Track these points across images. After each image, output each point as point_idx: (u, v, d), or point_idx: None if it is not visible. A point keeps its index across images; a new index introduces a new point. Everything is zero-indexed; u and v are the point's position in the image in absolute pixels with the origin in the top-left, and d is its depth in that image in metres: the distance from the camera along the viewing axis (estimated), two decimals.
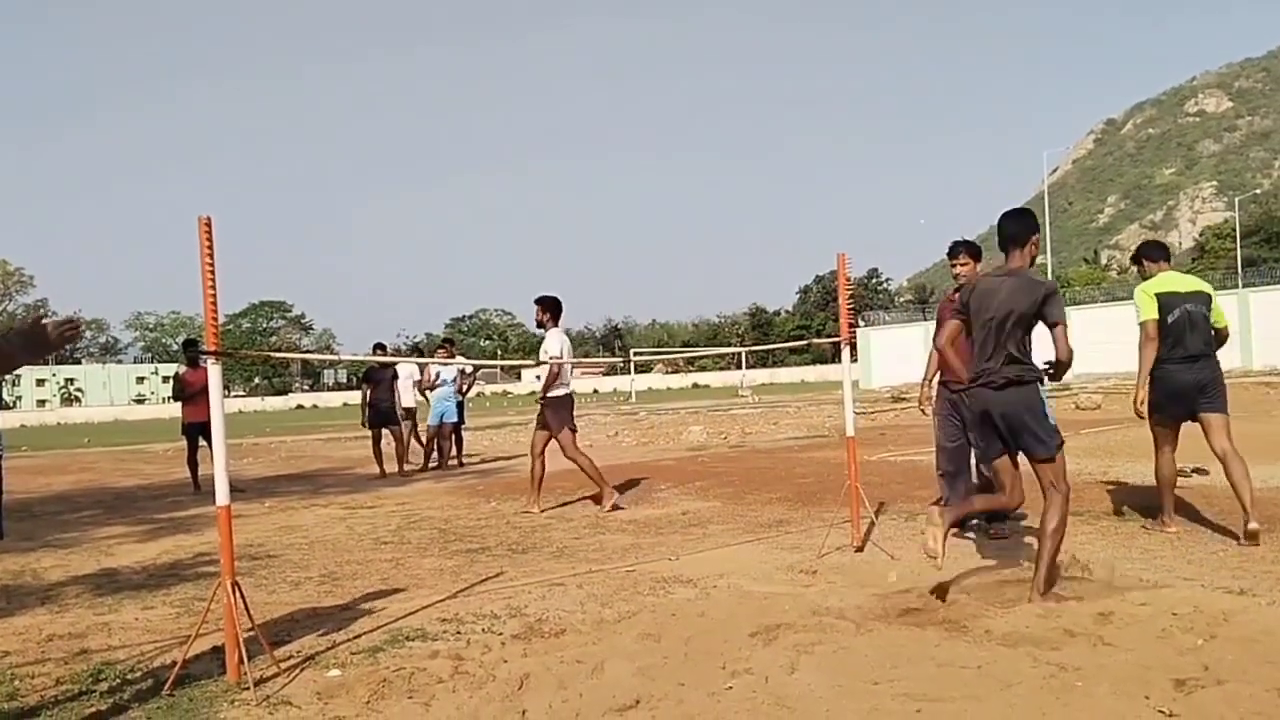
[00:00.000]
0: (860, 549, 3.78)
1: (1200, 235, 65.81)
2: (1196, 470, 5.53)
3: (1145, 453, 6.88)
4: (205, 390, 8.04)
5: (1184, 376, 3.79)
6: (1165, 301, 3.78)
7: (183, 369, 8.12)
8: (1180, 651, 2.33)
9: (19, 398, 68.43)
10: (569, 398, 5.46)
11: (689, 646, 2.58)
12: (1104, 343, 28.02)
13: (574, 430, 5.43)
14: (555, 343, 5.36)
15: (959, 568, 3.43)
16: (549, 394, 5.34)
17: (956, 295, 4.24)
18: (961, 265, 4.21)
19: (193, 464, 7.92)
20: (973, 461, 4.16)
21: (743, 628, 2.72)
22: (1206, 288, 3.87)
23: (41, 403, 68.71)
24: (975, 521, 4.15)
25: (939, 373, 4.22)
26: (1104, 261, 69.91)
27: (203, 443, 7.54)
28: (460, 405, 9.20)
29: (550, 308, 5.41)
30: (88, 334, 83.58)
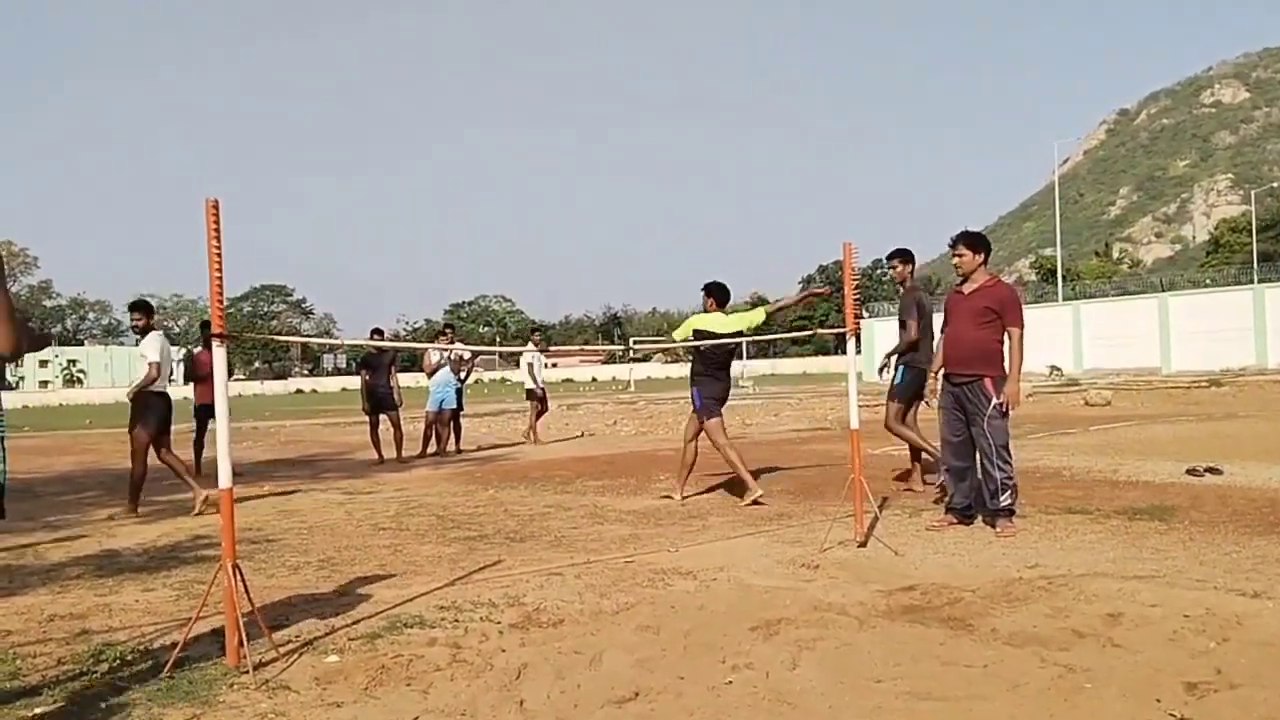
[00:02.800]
0: (863, 544, 3.73)
1: (1215, 229, 64.88)
2: (1210, 470, 5.47)
3: (1157, 451, 6.85)
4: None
5: (724, 384, 5.27)
6: (699, 335, 5.08)
7: (197, 350, 8.12)
8: (1192, 654, 2.28)
9: (21, 378, 68.89)
10: (165, 397, 5.58)
11: (688, 639, 2.55)
12: (1115, 338, 27.78)
13: (152, 432, 5.47)
14: (154, 345, 5.53)
15: (965, 563, 3.39)
16: (146, 390, 5.45)
17: (963, 287, 4.19)
18: (958, 256, 4.15)
19: (199, 446, 7.93)
20: (978, 457, 4.10)
21: (743, 622, 2.68)
22: (742, 325, 5.17)
23: (44, 384, 69.19)
24: (975, 511, 4.11)
25: (943, 366, 4.16)
26: (1115, 255, 69.19)
27: (211, 425, 7.55)
28: (459, 392, 9.18)
29: (145, 310, 5.73)
30: (90, 315, 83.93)
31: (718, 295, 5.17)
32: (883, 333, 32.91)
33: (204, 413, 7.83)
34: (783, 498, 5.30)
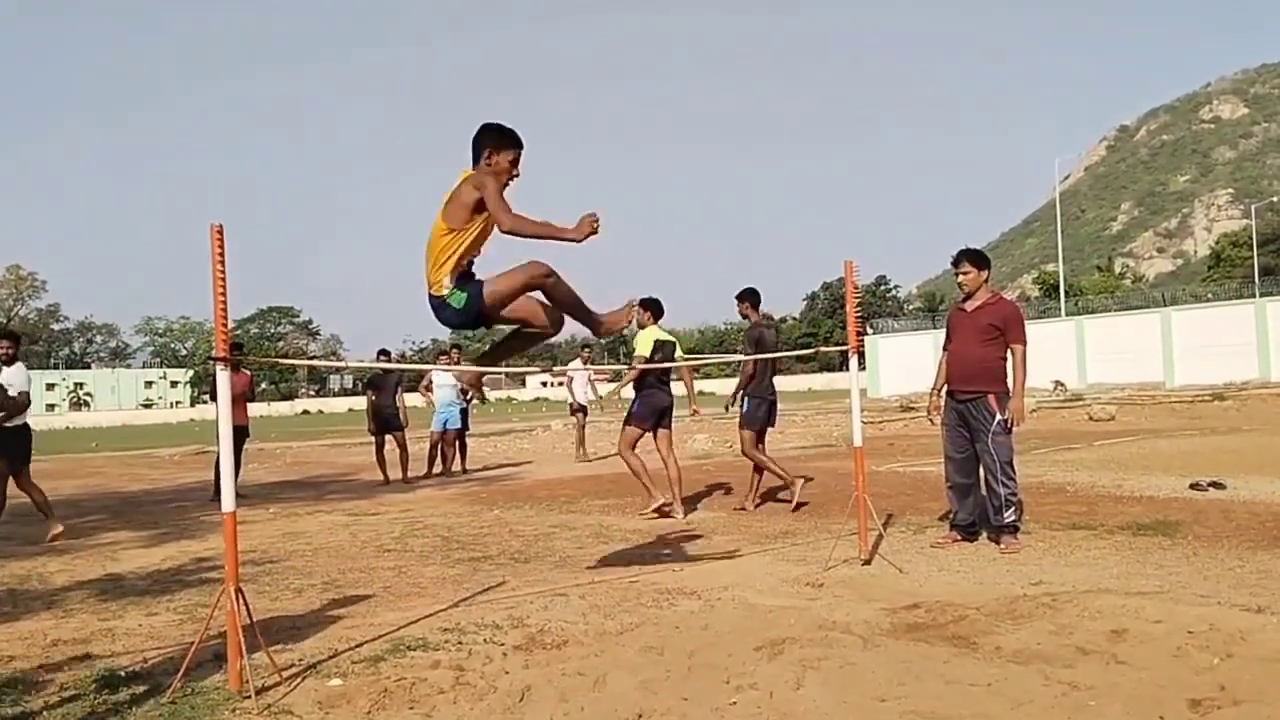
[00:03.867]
0: (868, 562, 3.73)
1: (1216, 243, 65.00)
2: (1213, 484, 5.44)
3: (1160, 466, 6.82)
4: (244, 395, 8.07)
5: (665, 398, 5.58)
6: (658, 345, 5.52)
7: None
8: (1196, 670, 2.28)
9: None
10: (28, 428, 5.65)
11: (692, 660, 2.55)
12: (1118, 353, 27.69)
13: (18, 464, 5.55)
14: (23, 374, 5.63)
15: (969, 580, 3.39)
16: (6, 425, 5.48)
17: (965, 304, 4.24)
18: (963, 274, 4.20)
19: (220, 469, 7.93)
20: (982, 473, 4.11)
21: (747, 641, 2.68)
22: (672, 338, 5.75)
23: (50, 407, 69.23)
24: (980, 529, 4.10)
25: (946, 383, 4.19)
26: (1117, 270, 69.23)
27: (246, 447, 7.53)
28: (465, 412, 9.21)
29: (13, 340, 5.89)
30: (98, 338, 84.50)
31: (655, 310, 5.59)
32: (886, 350, 32.88)
33: (236, 435, 7.89)
34: (788, 515, 5.28)
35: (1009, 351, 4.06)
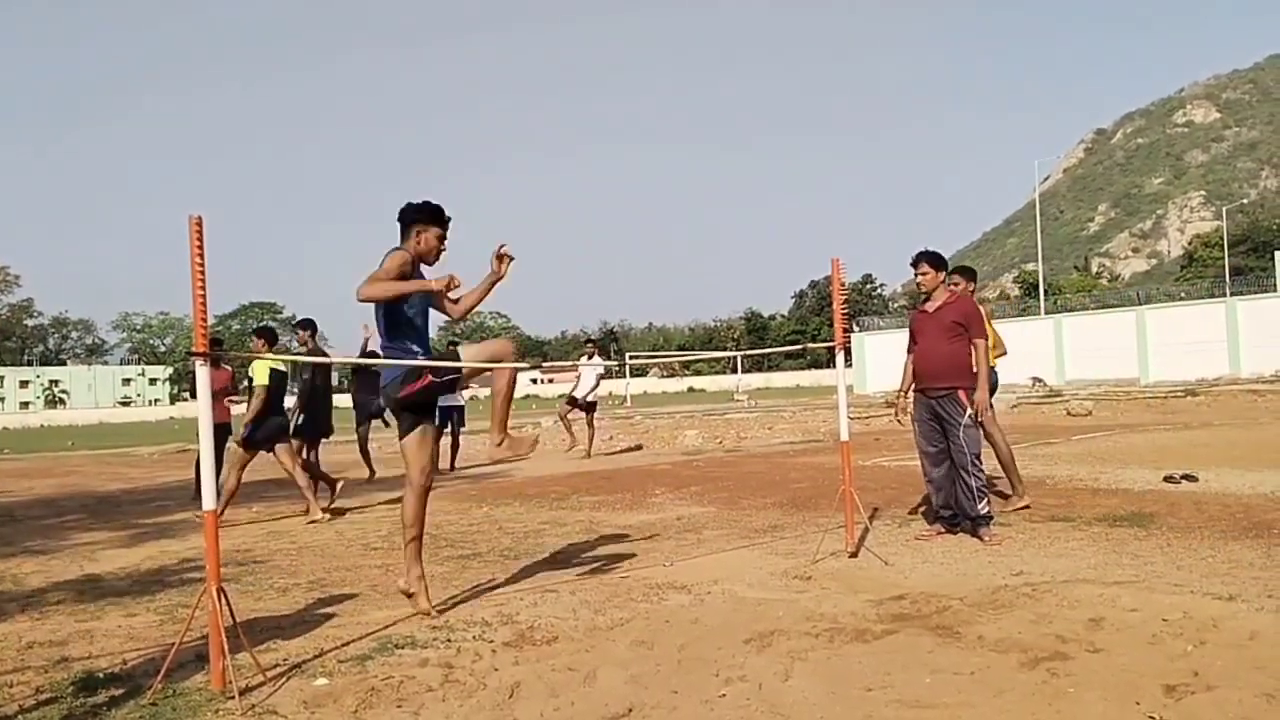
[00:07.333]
0: (854, 554, 3.78)
1: (1189, 244, 66.78)
2: (1186, 477, 5.59)
3: (1135, 459, 7.00)
4: (224, 392, 7.93)
5: (283, 419, 6.02)
6: (276, 373, 5.87)
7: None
8: (1170, 657, 2.34)
9: (1, 399, 67.13)
10: None
11: (682, 654, 2.57)
12: (1095, 350, 28.35)
13: None
14: None
15: (952, 571, 3.45)
16: None
17: (926, 305, 4.32)
18: (922, 275, 4.29)
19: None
20: (955, 466, 4.18)
21: (737, 634, 2.71)
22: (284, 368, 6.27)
23: (25, 404, 67.42)
24: (960, 520, 4.18)
25: (915, 381, 4.26)
26: (1094, 269, 70.71)
27: (230, 445, 7.40)
28: (461, 410, 9.20)
29: None
30: (73, 335, 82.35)
31: (270, 339, 6.18)
32: (873, 347, 33.27)
33: (217, 433, 7.75)
34: (776, 510, 5.33)
35: (972, 346, 4.14)
